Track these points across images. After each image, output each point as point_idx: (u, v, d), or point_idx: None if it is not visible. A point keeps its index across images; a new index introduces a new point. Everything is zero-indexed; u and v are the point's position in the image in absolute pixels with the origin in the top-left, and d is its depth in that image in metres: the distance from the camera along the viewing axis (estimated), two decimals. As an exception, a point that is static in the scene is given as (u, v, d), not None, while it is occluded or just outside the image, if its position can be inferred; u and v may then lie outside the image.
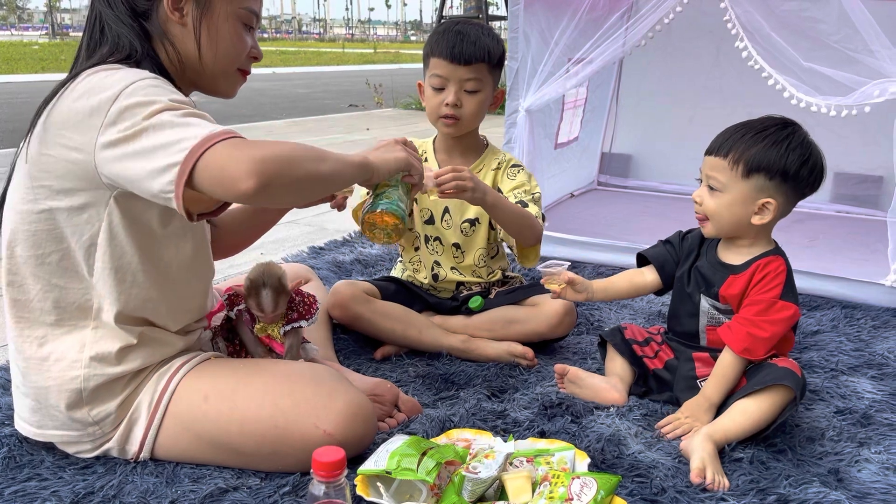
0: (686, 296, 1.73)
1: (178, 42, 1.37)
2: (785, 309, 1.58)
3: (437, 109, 1.98)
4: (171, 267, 1.39)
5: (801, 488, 1.38)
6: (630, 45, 2.75)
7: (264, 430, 1.34)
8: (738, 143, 1.59)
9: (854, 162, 3.59)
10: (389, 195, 1.43)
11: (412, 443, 1.32)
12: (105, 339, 1.35)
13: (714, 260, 1.69)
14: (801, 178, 1.58)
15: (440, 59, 1.94)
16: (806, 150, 1.57)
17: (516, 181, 2.05)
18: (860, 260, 2.76)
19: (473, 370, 1.89)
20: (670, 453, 1.51)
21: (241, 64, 1.44)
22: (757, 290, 1.60)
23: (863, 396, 1.78)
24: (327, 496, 1.06)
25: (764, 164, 1.56)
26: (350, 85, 13.53)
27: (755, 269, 1.61)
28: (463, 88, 1.95)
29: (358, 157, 1.37)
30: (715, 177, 1.61)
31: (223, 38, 1.39)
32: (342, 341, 2.04)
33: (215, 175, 1.12)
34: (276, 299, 1.56)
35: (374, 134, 7.20)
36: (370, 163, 1.38)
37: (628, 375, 1.78)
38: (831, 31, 2.36)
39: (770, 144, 1.56)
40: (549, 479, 1.29)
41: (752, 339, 1.57)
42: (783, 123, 1.60)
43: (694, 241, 1.77)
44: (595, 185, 4.17)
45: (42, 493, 1.31)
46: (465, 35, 1.92)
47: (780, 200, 1.59)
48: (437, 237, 2.10)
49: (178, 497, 1.31)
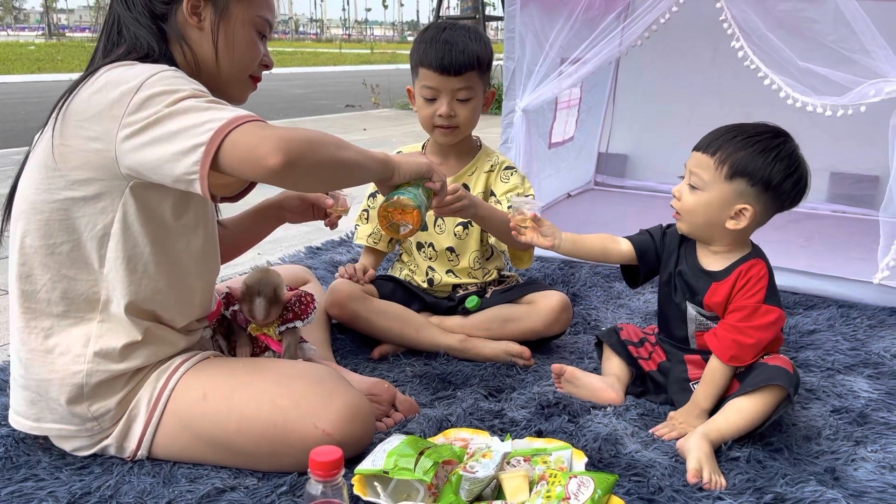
0: (674, 304, 1.72)
1: (195, 45, 1.40)
2: (769, 313, 1.58)
3: (431, 119, 1.98)
4: (181, 259, 1.40)
5: (798, 487, 1.38)
6: (626, 46, 2.75)
7: (263, 430, 1.34)
8: (727, 143, 1.58)
9: (850, 162, 3.59)
10: (410, 190, 1.45)
11: (409, 442, 1.32)
12: (110, 333, 1.35)
13: (695, 266, 1.68)
14: (783, 191, 1.57)
15: (430, 71, 1.93)
16: (793, 163, 1.56)
17: (510, 184, 2.05)
18: (856, 259, 2.76)
19: (470, 370, 1.89)
20: (667, 452, 1.51)
21: (253, 71, 1.48)
22: (740, 296, 1.59)
23: (859, 395, 1.79)
24: (324, 496, 1.06)
25: (749, 169, 1.55)
26: (347, 85, 13.52)
27: (737, 275, 1.60)
28: (455, 98, 1.95)
29: (381, 154, 1.41)
30: (698, 174, 1.61)
31: (239, 44, 1.42)
32: (339, 341, 2.04)
33: (242, 153, 1.16)
34: (269, 308, 1.58)
35: (371, 135, 7.19)
36: (392, 161, 1.42)
37: (625, 375, 1.78)
38: (827, 31, 2.35)
39: (759, 151, 1.55)
40: (546, 479, 1.29)
41: (738, 347, 1.57)
42: (776, 133, 1.59)
43: (673, 239, 1.75)
44: (592, 185, 4.17)
45: (39, 494, 1.31)
46: (452, 45, 1.91)
47: (757, 209, 1.58)
48: (431, 243, 2.11)
49: (176, 497, 1.31)
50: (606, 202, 3.89)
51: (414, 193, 1.44)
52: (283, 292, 1.61)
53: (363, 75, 13.29)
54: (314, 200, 1.75)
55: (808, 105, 2.33)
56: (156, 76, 1.22)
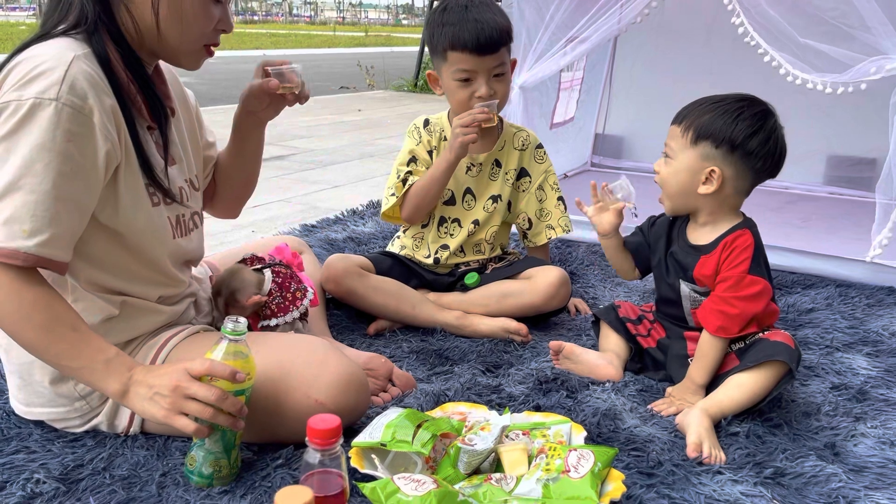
0: (667, 284, 1.72)
1: (137, 11, 1.28)
2: (754, 284, 1.56)
3: (468, 102, 1.94)
4: (129, 235, 1.32)
5: (798, 462, 1.38)
6: (625, 22, 2.72)
7: (254, 401, 1.31)
8: (692, 111, 1.60)
9: (847, 144, 3.58)
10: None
11: (407, 415, 1.30)
12: (86, 311, 1.31)
13: (685, 244, 1.68)
14: (750, 151, 1.55)
15: (464, 54, 1.88)
16: (757, 123, 1.55)
17: (545, 164, 2.15)
18: (853, 240, 2.75)
19: (468, 346, 1.88)
20: (666, 427, 1.50)
21: (206, 40, 1.34)
22: (725, 266, 1.58)
23: (858, 373, 1.78)
24: (322, 465, 1.04)
25: (711, 130, 1.56)
26: (341, 67, 13.43)
27: (723, 246, 1.59)
28: (492, 76, 1.92)
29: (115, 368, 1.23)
30: (670, 144, 1.63)
31: (185, 15, 1.29)
32: (335, 317, 2.02)
33: None
34: (226, 310, 1.57)
35: (366, 115, 7.15)
36: (126, 392, 1.23)
37: (623, 352, 1.77)
38: (828, 7, 2.33)
39: (721, 113, 1.56)
40: (545, 452, 1.27)
41: (724, 317, 1.56)
42: (743, 98, 1.59)
43: (662, 225, 1.75)
44: (588, 166, 4.15)
45: (30, 466, 1.29)
46: (483, 23, 1.86)
47: (727, 172, 1.57)
48: (457, 219, 2.10)
49: (170, 469, 1.29)
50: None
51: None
52: (245, 296, 1.55)
53: (357, 57, 13.20)
54: (266, 90, 1.49)
55: (809, 82, 2.31)
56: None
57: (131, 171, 1.30)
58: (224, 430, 1.22)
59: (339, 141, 5.58)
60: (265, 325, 1.58)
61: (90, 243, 1.29)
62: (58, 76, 1.16)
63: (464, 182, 2.08)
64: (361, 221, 3.04)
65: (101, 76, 1.23)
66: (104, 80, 1.23)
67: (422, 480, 1.14)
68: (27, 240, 1.15)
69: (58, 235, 1.17)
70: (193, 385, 1.18)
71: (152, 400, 1.20)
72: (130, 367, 1.23)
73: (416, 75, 10.03)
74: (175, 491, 1.24)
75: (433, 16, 1.97)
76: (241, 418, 1.22)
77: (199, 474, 1.24)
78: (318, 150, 5.10)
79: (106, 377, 1.21)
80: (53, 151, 1.15)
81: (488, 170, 2.10)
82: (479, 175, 2.09)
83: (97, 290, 1.33)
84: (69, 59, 1.19)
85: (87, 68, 1.20)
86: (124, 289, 1.35)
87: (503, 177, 2.11)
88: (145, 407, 1.21)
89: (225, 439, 1.23)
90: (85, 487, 1.24)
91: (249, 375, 1.22)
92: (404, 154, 2.09)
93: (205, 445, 1.23)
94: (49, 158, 1.15)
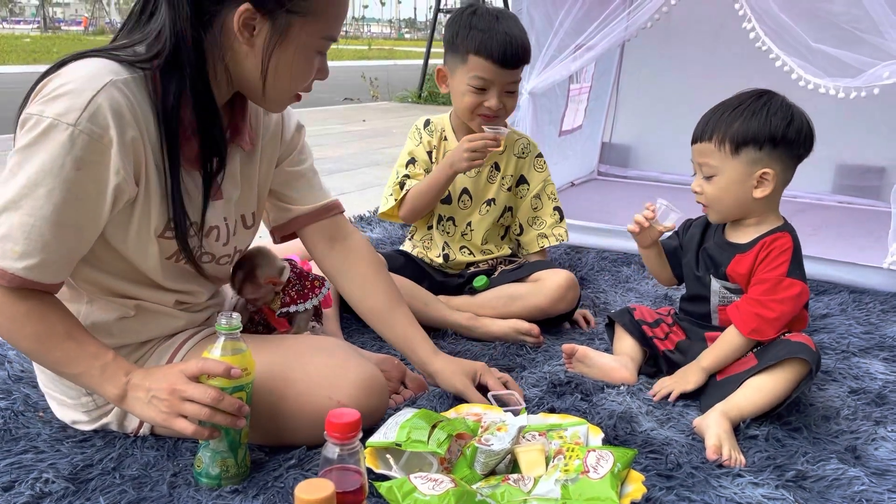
0: (696, 279, 1.71)
1: (236, 69, 1.22)
2: (792, 287, 1.55)
3: (476, 109, 1.94)
4: (127, 250, 1.27)
5: (819, 465, 1.35)
6: (634, 28, 2.71)
7: (273, 403, 1.29)
8: (718, 123, 1.58)
9: (856, 153, 3.56)
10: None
11: (422, 415, 1.28)
12: (102, 311, 1.30)
13: (721, 241, 1.67)
14: (791, 140, 1.55)
15: (487, 62, 1.88)
16: (787, 112, 1.55)
17: (544, 173, 2.13)
18: (864, 247, 2.73)
19: (479, 349, 1.86)
20: (683, 430, 1.48)
21: (303, 89, 1.30)
22: (763, 268, 1.57)
23: (875, 377, 1.76)
24: (341, 460, 1.02)
25: (749, 135, 1.54)
26: (345, 79, 13.44)
27: (761, 246, 1.58)
28: (505, 90, 1.92)
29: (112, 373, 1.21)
30: (706, 162, 1.60)
31: (295, 73, 1.24)
32: (346, 319, 2.00)
33: None
34: (241, 287, 1.51)
35: (371, 125, 7.15)
36: (124, 396, 1.21)
37: (638, 355, 1.75)
38: (840, 12, 2.33)
39: (750, 115, 1.55)
40: (563, 453, 1.25)
41: (760, 321, 1.54)
42: (758, 94, 1.59)
43: (697, 227, 1.75)
44: (595, 174, 4.13)
45: (39, 465, 1.27)
46: (512, 37, 1.87)
47: (777, 168, 1.57)
48: (451, 217, 2.09)
49: (181, 469, 1.27)
50: (610, 191, 3.85)
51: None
52: (263, 274, 1.51)
53: (361, 70, 13.23)
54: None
55: (821, 87, 2.30)
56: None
57: (147, 207, 1.23)
58: (227, 429, 1.20)
59: (346, 149, 5.58)
60: (285, 311, 1.55)
61: (102, 254, 1.26)
62: (82, 101, 1.10)
63: (461, 183, 2.08)
64: (369, 227, 3.03)
65: (134, 105, 1.15)
66: (137, 110, 1.15)
67: (439, 480, 1.11)
68: (16, 261, 1.12)
69: (48, 261, 1.14)
70: (189, 387, 1.15)
71: (150, 403, 1.18)
72: (127, 371, 1.21)
73: (420, 87, 10.04)
74: (186, 491, 1.22)
75: (460, 16, 1.95)
76: (244, 416, 1.20)
77: (208, 475, 1.22)
78: (326, 158, 5.09)
79: (103, 383, 1.20)
80: (59, 178, 1.11)
81: (486, 172, 2.10)
82: (477, 177, 2.09)
83: (110, 295, 1.31)
84: (100, 85, 1.11)
85: (117, 96, 1.12)
86: (138, 294, 1.33)
87: (500, 181, 2.11)
88: (144, 411, 1.19)
89: (229, 438, 1.21)
90: (94, 487, 1.22)
91: (247, 371, 1.20)
92: (404, 155, 2.10)
93: (210, 446, 1.21)
94: (53, 185, 1.11)
